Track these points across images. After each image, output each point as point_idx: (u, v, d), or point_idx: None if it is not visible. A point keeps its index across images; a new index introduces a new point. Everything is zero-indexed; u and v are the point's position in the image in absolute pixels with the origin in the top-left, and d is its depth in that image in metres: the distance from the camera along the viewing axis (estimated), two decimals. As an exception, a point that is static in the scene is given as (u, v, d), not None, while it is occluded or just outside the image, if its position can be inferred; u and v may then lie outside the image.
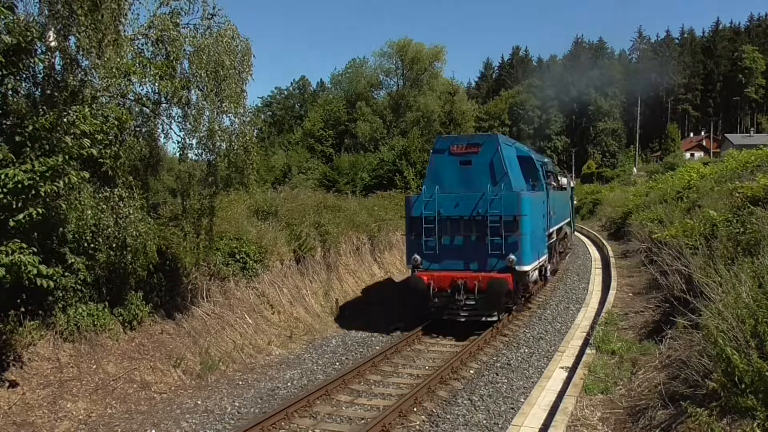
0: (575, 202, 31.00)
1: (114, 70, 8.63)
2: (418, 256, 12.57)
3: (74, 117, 7.69)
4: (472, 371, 10.05)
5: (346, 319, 14.42)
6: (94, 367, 8.94)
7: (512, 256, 11.76)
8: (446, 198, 12.47)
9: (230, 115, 10.74)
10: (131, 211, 9.44)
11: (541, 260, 13.39)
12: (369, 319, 14.08)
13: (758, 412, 4.63)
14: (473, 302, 11.82)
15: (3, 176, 6.77)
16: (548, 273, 15.46)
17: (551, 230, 15.54)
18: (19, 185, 6.81)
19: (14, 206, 6.90)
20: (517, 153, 14.26)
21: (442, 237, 12.45)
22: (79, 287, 9.14)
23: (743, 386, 4.86)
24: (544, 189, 14.63)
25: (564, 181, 22.44)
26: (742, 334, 5.24)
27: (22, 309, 8.41)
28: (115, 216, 9.29)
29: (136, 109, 10.52)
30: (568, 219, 21.65)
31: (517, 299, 13.23)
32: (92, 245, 9.21)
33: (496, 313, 12.19)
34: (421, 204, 12.59)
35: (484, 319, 12.10)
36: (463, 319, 12.06)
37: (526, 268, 12.09)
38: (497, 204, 11.88)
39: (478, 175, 12.49)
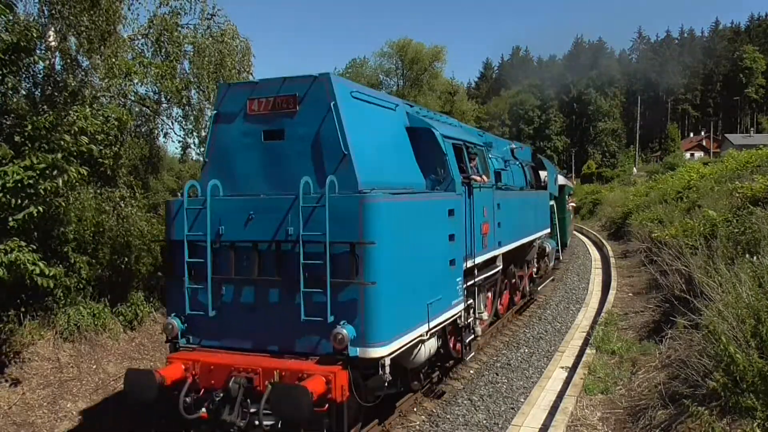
0: (574, 203, 29.35)
1: (113, 70, 8.66)
2: (175, 321, 6.25)
3: (74, 117, 7.71)
4: (471, 371, 10.04)
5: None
6: (94, 367, 8.94)
7: (342, 330, 5.49)
8: (231, 204, 6.19)
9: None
10: (134, 211, 9.47)
11: (440, 320, 7.02)
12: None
13: (758, 412, 4.64)
14: (269, 423, 5.44)
15: (2, 174, 6.78)
16: (477, 329, 8.74)
17: (488, 256, 9.23)
18: (19, 184, 6.82)
19: (14, 205, 6.91)
20: (407, 122, 7.56)
21: (223, 284, 6.13)
22: (81, 287, 9.15)
23: (744, 386, 4.87)
24: (454, 188, 7.55)
25: (543, 174, 15.92)
26: (742, 334, 5.26)
27: (22, 308, 8.43)
28: (116, 216, 9.32)
29: (137, 109, 10.56)
30: (548, 230, 15.29)
31: (407, 383, 7.36)
32: (93, 245, 9.23)
33: None
34: (187, 217, 6.17)
35: None
36: None
37: (380, 351, 5.63)
38: (319, 219, 5.62)
39: (296, 158, 6.31)
